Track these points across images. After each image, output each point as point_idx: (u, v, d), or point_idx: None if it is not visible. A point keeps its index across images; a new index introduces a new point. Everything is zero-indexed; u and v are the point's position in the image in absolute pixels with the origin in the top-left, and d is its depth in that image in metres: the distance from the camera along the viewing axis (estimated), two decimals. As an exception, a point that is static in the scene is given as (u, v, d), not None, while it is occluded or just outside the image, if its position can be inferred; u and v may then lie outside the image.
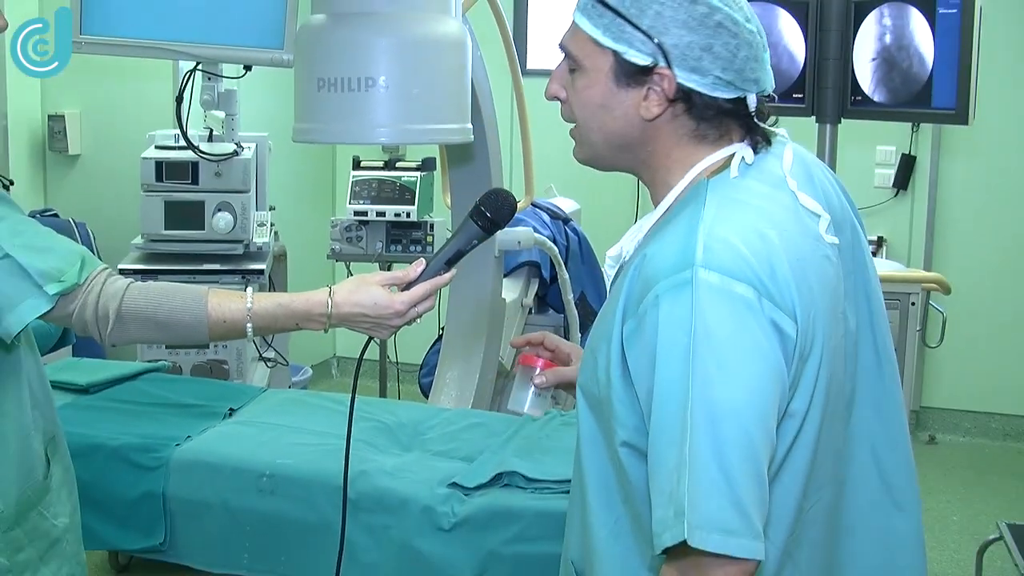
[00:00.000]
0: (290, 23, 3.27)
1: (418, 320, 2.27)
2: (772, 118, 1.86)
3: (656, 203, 1.86)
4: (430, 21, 2.75)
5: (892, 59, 3.98)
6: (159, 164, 4.63)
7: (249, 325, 2.15)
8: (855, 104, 4.10)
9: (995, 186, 6.51)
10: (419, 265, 2.24)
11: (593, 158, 1.93)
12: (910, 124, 6.32)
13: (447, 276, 2.24)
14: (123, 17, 3.40)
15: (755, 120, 1.81)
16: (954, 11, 3.77)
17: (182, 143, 4.32)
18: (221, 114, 4.55)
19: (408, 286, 2.22)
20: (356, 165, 5.25)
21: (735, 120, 1.80)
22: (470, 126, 2.90)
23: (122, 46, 3.43)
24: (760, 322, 1.60)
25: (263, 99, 5.55)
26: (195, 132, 4.54)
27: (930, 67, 3.87)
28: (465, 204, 4.05)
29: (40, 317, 2.02)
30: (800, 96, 4.11)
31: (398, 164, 5.21)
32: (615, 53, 1.76)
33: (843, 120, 4.17)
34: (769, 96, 1.82)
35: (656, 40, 1.72)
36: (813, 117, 4.17)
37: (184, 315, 2.11)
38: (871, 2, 4.05)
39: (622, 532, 1.77)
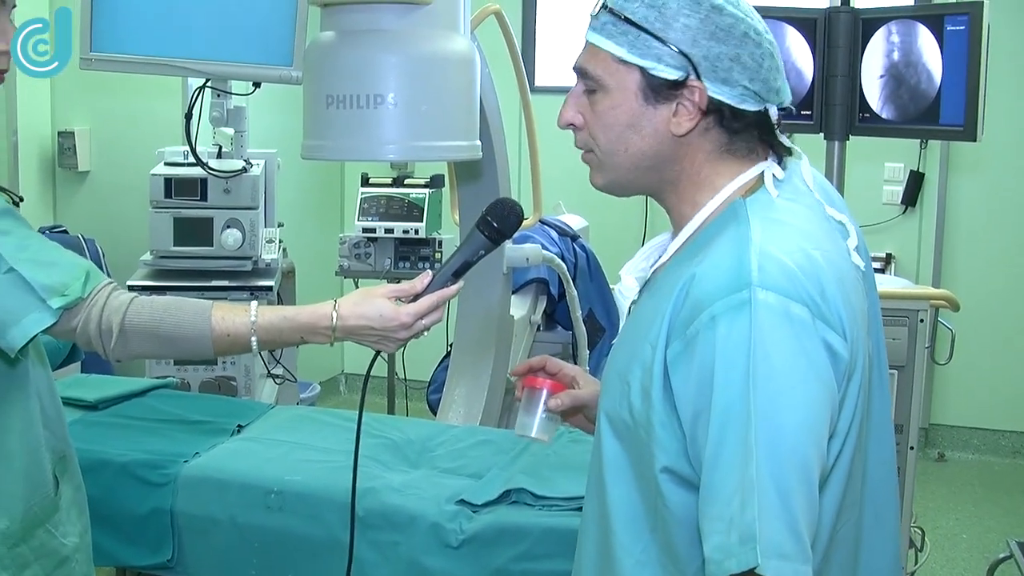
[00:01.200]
0: (299, 40, 3.28)
1: (425, 333, 2.25)
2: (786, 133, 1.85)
3: (680, 223, 1.84)
4: (439, 39, 2.75)
5: (900, 76, 3.98)
6: (168, 180, 4.63)
7: (254, 339, 2.14)
8: (863, 121, 4.10)
9: (1004, 203, 6.51)
10: (425, 277, 2.22)
11: (614, 183, 1.88)
12: (918, 141, 6.33)
13: (454, 288, 2.22)
14: (133, 34, 3.41)
15: (778, 134, 1.81)
16: (962, 28, 3.78)
17: (191, 160, 4.32)
18: (230, 131, 4.56)
19: (414, 298, 2.20)
20: (365, 182, 5.26)
21: (759, 134, 1.79)
22: (479, 143, 2.90)
23: (132, 63, 3.45)
24: (815, 343, 1.59)
25: (272, 116, 5.57)
26: (204, 149, 4.55)
27: (938, 84, 3.87)
28: (473, 221, 4.06)
29: (44, 331, 2.02)
30: (808, 113, 4.11)
31: (406, 181, 5.21)
32: (642, 70, 1.74)
33: (851, 137, 4.17)
34: (786, 109, 1.81)
35: (685, 53, 1.70)
36: (821, 134, 4.16)
37: (188, 329, 2.10)
38: (879, 19, 4.05)
39: (649, 561, 1.74)
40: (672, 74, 1.71)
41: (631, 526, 1.75)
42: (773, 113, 1.78)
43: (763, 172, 1.78)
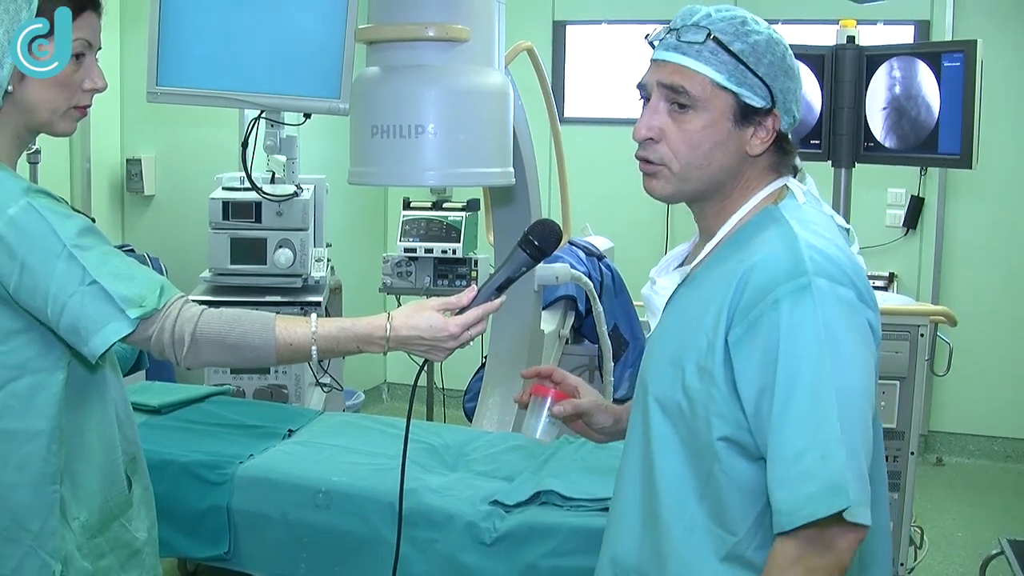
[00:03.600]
0: (346, 75, 3.28)
1: (471, 343, 2.24)
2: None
3: (714, 227, 1.91)
4: (475, 73, 2.75)
5: (901, 108, 3.97)
6: (225, 204, 4.65)
7: (314, 348, 2.13)
8: (868, 149, 4.08)
9: (998, 225, 6.47)
10: (471, 292, 2.21)
11: (680, 192, 1.92)
12: (919, 168, 6.29)
13: (497, 302, 2.21)
14: (195, 70, 3.42)
15: (796, 152, 1.94)
16: (958, 64, 3.76)
17: (247, 185, 4.33)
18: (282, 158, 4.56)
19: (461, 311, 2.19)
20: (406, 205, 5.26)
21: (786, 154, 1.92)
22: (512, 170, 2.89)
23: (193, 96, 3.46)
24: (861, 320, 1.73)
25: (321, 144, 5.57)
26: (259, 175, 4.56)
27: (936, 115, 3.85)
28: (507, 241, 4.05)
29: (122, 340, 2.03)
30: (817, 142, 4.09)
31: (445, 205, 5.21)
32: (736, 95, 1.82)
33: (856, 164, 4.16)
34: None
35: (768, 85, 1.82)
36: (829, 162, 4.15)
37: (254, 338, 2.10)
38: (882, 56, 4.04)
39: (697, 526, 1.80)
40: (759, 102, 1.82)
41: (678, 497, 1.82)
42: (791, 135, 1.92)
43: (785, 184, 1.91)
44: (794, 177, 1.93)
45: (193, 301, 2.12)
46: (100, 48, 2.16)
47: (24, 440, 2.08)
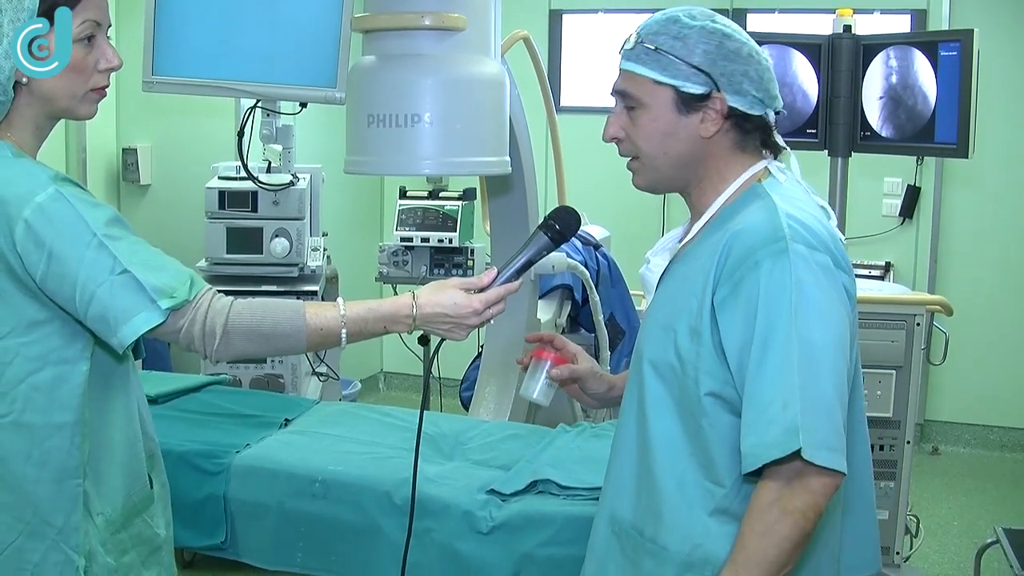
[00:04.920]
0: (342, 64, 3.28)
1: (491, 321, 2.33)
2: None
3: (702, 209, 2.06)
4: (472, 62, 2.74)
5: (898, 97, 3.97)
6: (222, 193, 4.65)
7: (344, 331, 2.15)
8: (864, 139, 4.09)
9: (994, 215, 6.48)
10: (491, 273, 2.28)
11: (656, 182, 2.10)
12: (915, 157, 6.30)
13: (516, 284, 2.29)
14: (190, 59, 3.42)
15: (774, 133, 2.06)
16: (954, 54, 3.76)
17: (243, 174, 4.32)
18: (278, 147, 4.56)
19: (481, 291, 2.25)
20: (402, 195, 5.25)
21: (761, 134, 2.04)
22: (508, 159, 2.89)
23: (189, 85, 3.45)
24: (836, 283, 1.87)
25: (317, 134, 5.56)
26: (255, 164, 4.56)
27: (933, 105, 3.85)
28: (504, 231, 4.04)
29: (151, 331, 2.01)
30: (813, 131, 4.10)
31: (441, 194, 5.20)
32: (674, 87, 1.97)
33: (853, 154, 4.16)
34: (778, 112, 2.06)
35: (707, 72, 1.96)
36: (826, 151, 4.15)
37: (286, 326, 2.11)
38: (878, 45, 4.04)
39: (687, 482, 1.93)
40: (698, 89, 1.96)
41: (670, 455, 1.95)
42: (771, 117, 2.04)
43: (768, 165, 2.05)
44: (776, 159, 2.07)
45: (220, 292, 2.13)
46: (111, 25, 2.14)
47: (47, 434, 2.06)
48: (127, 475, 2.23)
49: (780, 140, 2.07)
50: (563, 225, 2.31)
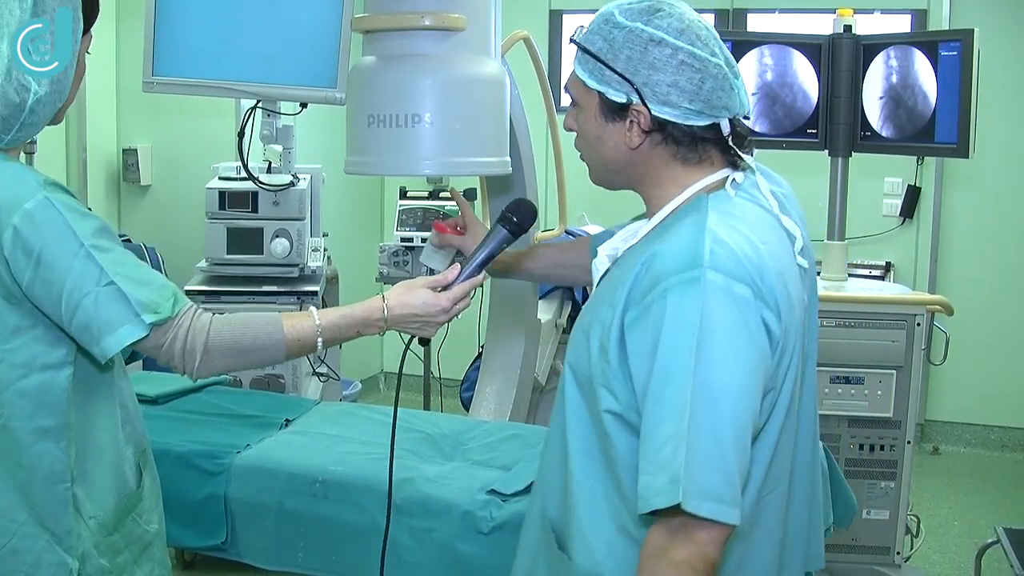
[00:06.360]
0: (342, 64, 3.28)
1: (459, 316, 2.37)
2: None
3: (652, 212, 1.97)
4: (472, 62, 2.74)
5: (898, 97, 3.97)
6: (222, 194, 4.65)
7: (320, 339, 2.21)
8: (864, 139, 4.09)
9: (994, 215, 6.48)
10: (455, 269, 2.36)
11: (600, 181, 2.06)
12: (915, 157, 6.30)
13: (480, 277, 2.37)
14: (191, 59, 3.42)
15: (730, 143, 1.90)
16: (955, 53, 3.77)
17: (243, 175, 4.33)
18: (279, 148, 4.56)
19: (447, 287, 2.32)
20: (403, 195, 5.25)
21: (712, 144, 1.91)
22: (508, 159, 2.88)
23: (189, 85, 3.46)
24: (755, 317, 1.71)
25: (317, 134, 5.57)
26: (255, 164, 4.56)
27: (933, 105, 3.86)
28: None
29: (134, 344, 2.03)
30: (814, 131, 4.10)
31: (441, 194, 5.20)
32: (599, 93, 1.90)
33: (853, 153, 4.17)
34: (745, 117, 1.93)
35: (629, 80, 1.85)
36: (826, 151, 4.15)
37: (265, 340, 2.15)
38: (879, 45, 4.04)
39: (598, 495, 1.86)
40: (620, 98, 1.87)
41: (586, 464, 1.88)
42: (724, 126, 1.89)
43: (732, 176, 1.92)
44: (736, 170, 1.94)
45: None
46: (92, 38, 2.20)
47: (34, 439, 2.08)
48: (116, 477, 2.24)
49: (748, 155, 1.94)
50: (520, 217, 2.38)
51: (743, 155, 1.92)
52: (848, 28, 4.10)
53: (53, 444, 2.09)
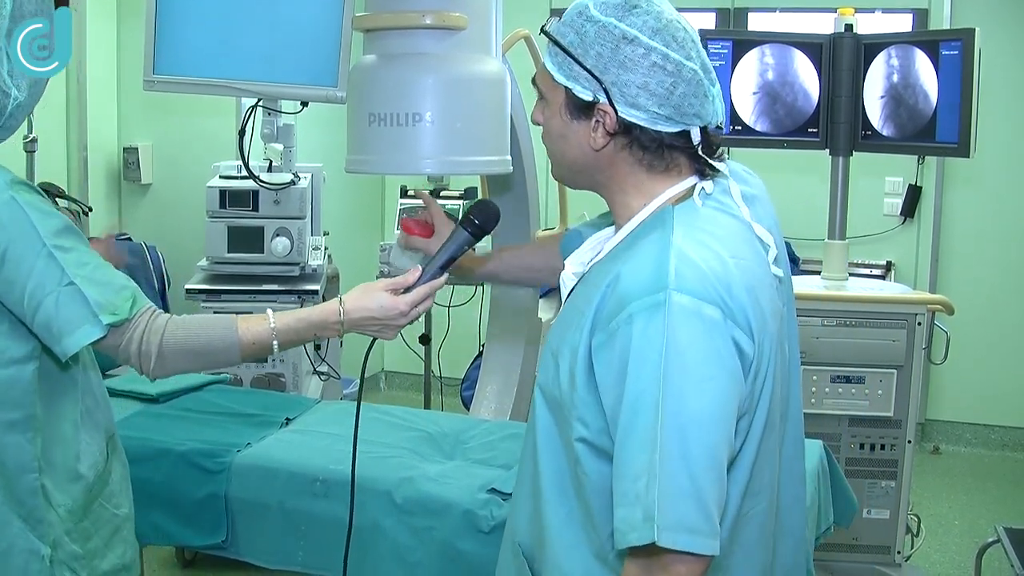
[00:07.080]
0: (343, 63, 3.28)
1: (418, 319, 2.36)
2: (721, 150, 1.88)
3: (619, 223, 1.89)
4: (473, 61, 2.74)
5: (899, 97, 3.97)
6: (223, 192, 4.65)
7: (275, 342, 2.23)
8: (865, 138, 4.09)
9: (995, 214, 6.48)
10: (416, 271, 2.31)
11: (562, 178, 1.97)
12: (916, 157, 6.30)
13: (441, 280, 2.32)
14: (191, 58, 3.42)
15: (700, 152, 1.81)
16: (956, 53, 3.77)
17: (244, 173, 4.32)
18: (280, 146, 4.56)
19: (407, 290, 2.29)
20: (403, 193, 5.25)
21: (681, 152, 1.81)
22: (509, 158, 2.88)
23: (191, 84, 3.45)
24: (725, 340, 1.63)
25: (318, 133, 5.56)
26: (256, 163, 4.56)
27: (934, 104, 3.86)
28: (504, 230, 4.04)
29: (92, 345, 2.07)
30: (815, 131, 4.10)
31: (442, 193, 5.20)
32: (566, 89, 1.80)
33: (854, 153, 4.17)
34: (717, 127, 1.84)
35: (598, 78, 1.75)
36: (827, 150, 4.15)
37: (219, 343, 2.18)
38: (879, 44, 4.04)
39: (573, 522, 1.79)
40: (586, 96, 1.77)
41: (558, 489, 1.81)
42: (695, 134, 1.80)
43: (701, 185, 1.82)
44: (703, 178, 1.83)
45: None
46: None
47: (1, 432, 2.11)
48: (84, 465, 2.27)
49: (722, 163, 1.85)
50: (482, 220, 2.35)
51: (714, 163, 1.83)
52: (849, 27, 4.10)
53: (20, 436, 2.12)
